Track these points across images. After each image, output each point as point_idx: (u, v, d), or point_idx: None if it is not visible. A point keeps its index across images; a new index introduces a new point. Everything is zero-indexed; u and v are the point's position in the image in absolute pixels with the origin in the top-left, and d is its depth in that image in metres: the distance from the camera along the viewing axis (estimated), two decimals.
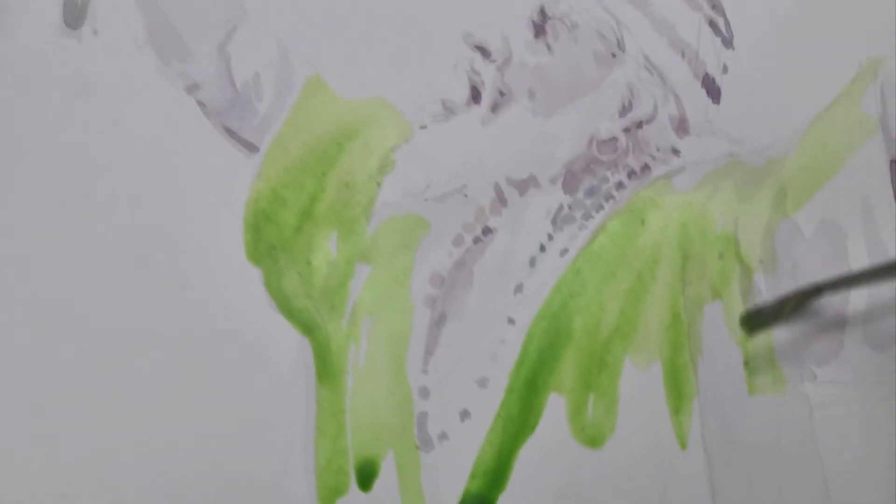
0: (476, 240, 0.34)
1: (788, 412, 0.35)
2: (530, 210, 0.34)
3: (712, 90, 0.36)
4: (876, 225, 0.37)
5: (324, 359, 0.32)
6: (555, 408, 0.33)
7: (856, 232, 0.36)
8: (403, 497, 0.32)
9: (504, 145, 0.34)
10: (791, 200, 0.37)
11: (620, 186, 0.35)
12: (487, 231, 0.34)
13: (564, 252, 0.34)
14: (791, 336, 0.36)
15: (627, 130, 0.35)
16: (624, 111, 0.35)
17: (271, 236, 0.32)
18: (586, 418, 0.34)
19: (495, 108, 0.34)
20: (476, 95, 0.34)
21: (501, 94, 0.34)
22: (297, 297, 0.32)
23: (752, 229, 0.36)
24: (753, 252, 0.36)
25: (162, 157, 0.32)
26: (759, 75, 0.37)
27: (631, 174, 0.35)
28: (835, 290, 0.35)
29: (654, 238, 0.35)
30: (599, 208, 0.35)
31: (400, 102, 0.34)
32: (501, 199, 0.34)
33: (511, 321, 0.34)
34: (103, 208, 0.31)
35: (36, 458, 0.30)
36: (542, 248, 0.34)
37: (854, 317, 0.36)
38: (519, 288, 0.34)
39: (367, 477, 0.32)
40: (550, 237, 0.34)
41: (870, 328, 0.36)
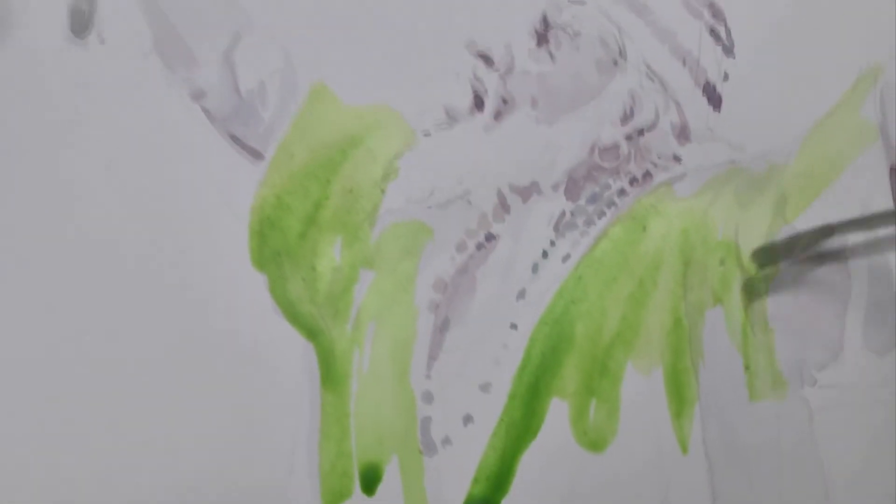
0: (479, 246, 0.34)
1: (789, 416, 0.35)
2: (533, 216, 0.34)
3: (713, 98, 0.36)
4: (875, 231, 0.37)
5: (328, 364, 0.32)
6: (557, 412, 0.34)
7: (855, 237, 0.36)
8: (407, 501, 0.32)
9: (507, 152, 0.34)
10: (791, 207, 0.37)
11: (622, 193, 0.35)
12: (490, 237, 0.34)
13: (567, 258, 0.35)
14: (791, 340, 0.36)
15: (629, 137, 0.35)
16: (626, 118, 0.35)
17: (276, 242, 0.32)
18: (588, 423, 0.34)
19: (498, 116, 0.34)
20: (479, 103, 0.34)
21: (504, 102, 0.34)
22: (302, 303, 0.32)
23: (753, 235, 0.36)
24: None
25: (167, 164, 0.32)
26: (760, 83, 0.37)
27: (633, 181, 0.35)
28: (846, 231, 0.35)
29: (656, 244, 0.35)
30: (601, 215, 0.35)
31: (404, 110, 0.34)
32: (504, 206, 0.34)
33: (514, 326, 0.34)
34: (108, 214, 0.31)
35: (40, 465, 0.30)
36: (545, 255, 0.34)
37: (853, 320, 0.37)
38: (521, 294, 0.34)
39: (371, 481, 0.32)
40: (553, 243, 0.34)
41: (869, 332, 0.37)
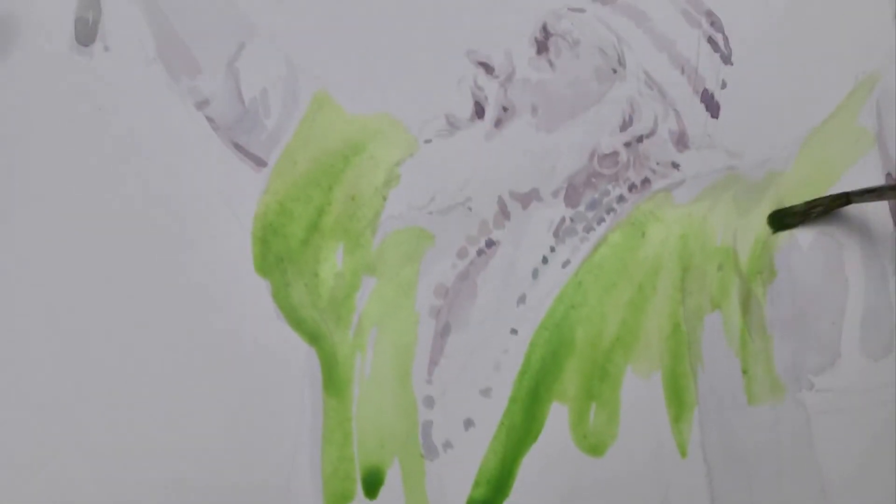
0: (480, 252, 0.34)
1: (786, 420, 0.35)
2: (533, 223, 0.34)
3: (711, 105, 0.36)
4: (872, 237, 0.37)
5: (330, 368, 0.32)
6: (557, 416, 0.34)
7: (852, 244, 0.36)
8: None
9: (507, 159, 0.34)
10: None
11: (621, 199, 0.35)
12: (491, 243, 0.34)
13: (566, 264, 0.35)
14: (788, 345, 0.36)
15: (628, 145, 0.35)
16: (625, 126, 0.35)
17: (279, 249, 0.32)
18: (588, 427, 0.34)
19: (498, 123, 0.34)
20: (480, 111, 0.34)
21: (504, 110, 0.35)
22: (305, 309, 0.32)
23: (751, 241, 0.36)
24: (752, 264, 0.36)
25: (171, 172, 0.32)
26: (758, 90, 0.37)
27: (632, 187, 0.35)
28: (863, 200, 0.34)
29: (655, 250, 0.35)
30: (601, 221, 0.35)
31: (405, 117, 0.34)
32: (504, 212, 0.34)
33: (514, 331, 0.34)
34: (113, 220, 0.31)
35: (45, 469, 0.30)
36: (545, 260, 0.34)
37: (850, 325, 0.36)
38: (522, 299, 0.34)
39: (373, 484, 0.32)
40: (553, 249, 0.35)
41: (866, 336, 0.36)
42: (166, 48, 0.33)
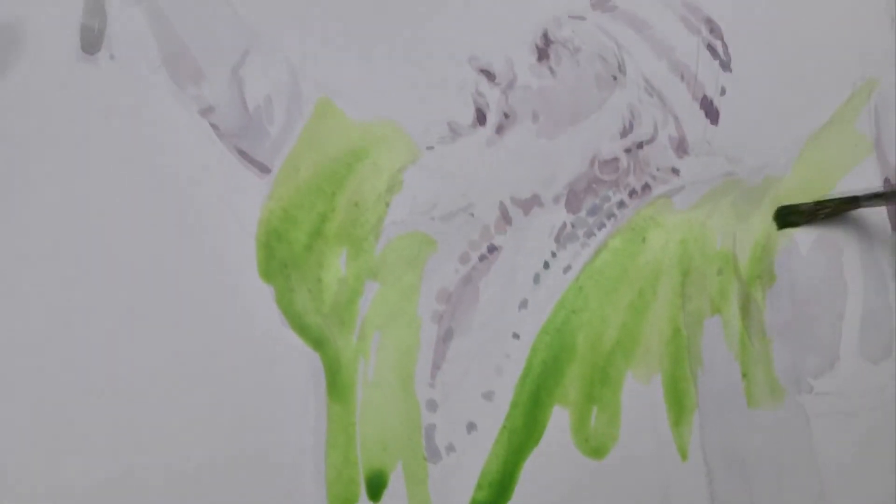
0: (482, 257, 0.34)
1: (786, 423, 0.35)
2: (534, 228, 0.35)
3: (711, 111, 0.36)
4: (871, 241, 0.37)
5: (334, 373, 0.32)
6: (559, 420, 0.34)
7: (851, 248, 0.37)
8: None
9: (508, 166, 0.35)
10: None
11: (622, 205, 0.35)
12: (493, 249, 0.34)
13: (568, 269, 0.35)
14: (788, 349, 0.36)
15: (628, 151, 0.36)
16: (625, 132, 0.36)
17: (283, 254, 0.32)
18: (589, 430, 0.34)
19: (500, 130, 0.35)
20: (481, 117, 0.34)
21: (506, 116, 0.35)
22: (308, 314, 0.32)
23: (751, 246, 0.36)
24: (751, 268, 0.36)
25: (176, 178, 0.32)
26: (757, 97, 0.37)
27: (632, 193, 0.36)
28: (872, 204, 0.35)
29: (655, 255, 0.35)
30: (601, 226, 0.35)
31: (408, 124, 0.34)
32: (506, 218, 0.34)
33: (516, 336, 0.34)
34: (118, 226, 0.31)
35: (49, 472, 0.30)
36: (546, 266, 0.35)
37: (850, 328, 0.37)
38: (523, 304, 0.34)
39: (377, 487, 0.32)
40: (554, 254, 0.35)
41: (865, 339, 0.37)
42: (171, 56, 0.32)
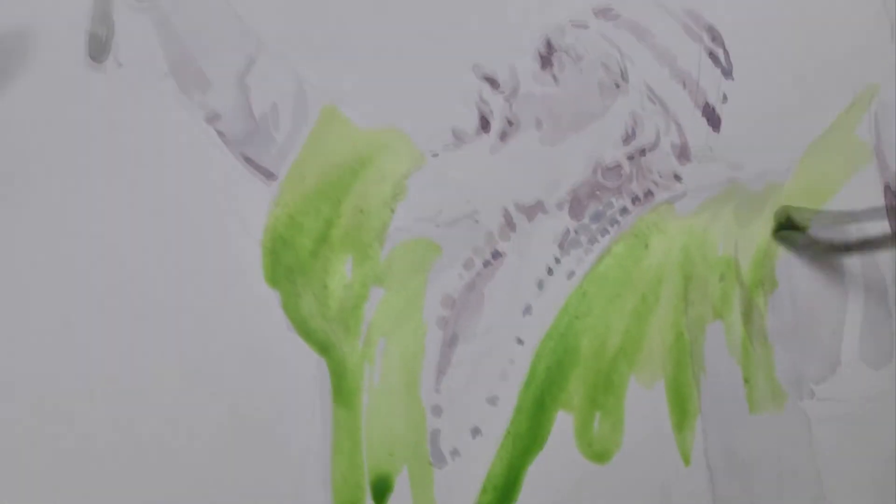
0: (486, 263, 0.34)
1: (788, 428, 0.35)
2: (538, 234, 0.35)
3: (713, 118, 0.37)
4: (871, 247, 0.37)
5: (340, 378, 0.32)
6: (563, 425, 0.34)
7: (852, 253, 0.37)
8: None
9: (512, 172, 0.35)
10: None
11: (625, 212, 0.36)
12: (497, 255, 0.34)
13: (571, 275, 0.35)
14: (789, 354, 0.36)
15: (631, 158, 0.36)
16: (628, 139, 0.36)
17: (289, 260, 0.32)
18: (593, 435, 0.34)
19: (504, 137, 0.35)
20: (485, 124, 0.35)
21: (509, 123, 0.35)
22: (314, 319, 0.32)
23: (752, 252, 0.36)
24: (753, 274, 0.36)
25: (183, 185, 0.32)
26: (758, 104, 0.37)
27: (635, 200, 0.36)
28: (869, 220, 0.35)
29: (658, 261, 0.36)
30: (605, 233, 0.35)
31: (412, 131, 0.34)
32: (510, 224, 0.35)
33: (520, 341, 0.34)
34: (126, 233, 0.31)
35: (52, 476, 0.30)
36: (550, 271, 0.35)
37: (850, 334, 0.37)
38: (527, 309, 0.34)
39: (382, 492, 0.32)
40: (557, 260, 0.35)
41: (866, 345, 0.37)
42: (178, 64, 0.33)
